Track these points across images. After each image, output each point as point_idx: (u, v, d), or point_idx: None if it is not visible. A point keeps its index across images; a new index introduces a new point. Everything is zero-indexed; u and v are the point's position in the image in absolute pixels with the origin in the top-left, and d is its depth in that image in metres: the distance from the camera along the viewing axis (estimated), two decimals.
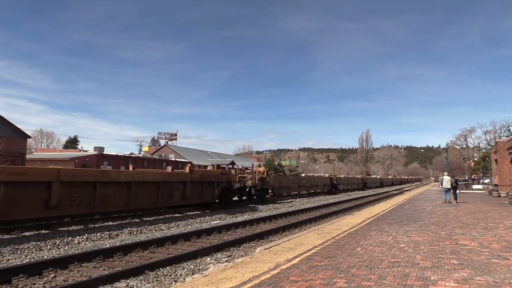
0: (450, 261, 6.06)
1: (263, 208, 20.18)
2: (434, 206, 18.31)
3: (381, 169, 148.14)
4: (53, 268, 6.86)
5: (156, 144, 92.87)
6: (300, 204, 24.51)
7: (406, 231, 9.48)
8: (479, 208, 16.80)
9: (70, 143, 70.27)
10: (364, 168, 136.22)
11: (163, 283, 6.20)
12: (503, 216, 13.23)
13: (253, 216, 16.66)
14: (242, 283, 4.81)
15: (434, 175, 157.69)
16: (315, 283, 4.74)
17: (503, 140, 32.37)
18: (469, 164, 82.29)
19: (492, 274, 5.20)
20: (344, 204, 25.27)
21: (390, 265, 5.74)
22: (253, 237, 10.64)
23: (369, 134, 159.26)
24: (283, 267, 5.64)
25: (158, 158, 63.13)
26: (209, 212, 17.08)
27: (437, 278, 4.99)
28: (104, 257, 7.79)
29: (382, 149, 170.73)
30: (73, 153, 52.69)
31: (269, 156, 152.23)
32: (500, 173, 31.16)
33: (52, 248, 8.97)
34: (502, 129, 60.48)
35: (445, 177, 20.27)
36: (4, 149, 29.47)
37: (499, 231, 9.47)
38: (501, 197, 25.94)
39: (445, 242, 7.91)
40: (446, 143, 48.49)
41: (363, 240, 8.17)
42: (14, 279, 6.20)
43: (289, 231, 12.39)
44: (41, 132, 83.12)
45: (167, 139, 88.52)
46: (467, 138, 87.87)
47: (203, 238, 10.74)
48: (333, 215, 17.82)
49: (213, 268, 7.01)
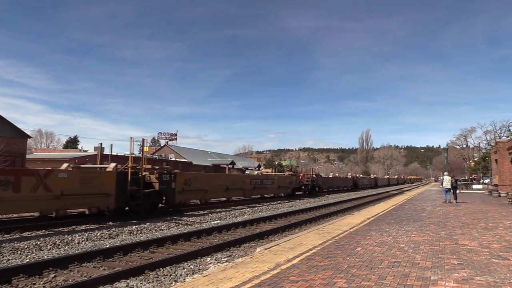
0: (450, 261, 6.06)
1: (263, 209, 20.24)
2: (434, 206, 18.31)
3: (381, 169, 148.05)
4: (53, 268, 6.86)
5: (156, 144, 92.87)
6: (300, 204, 24.52)
7: (406, 231, 9.48)
8: (479, 208, 16.80)
9: (70, 143, 70.30)
10: (364, 168, 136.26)
11: (163, 283, 6.20)
12: (503, 216, 13.23)
13: (253, 216, 16.67)
14: (242, 283, 4.81)
15: (434, 175, 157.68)
16: (315, 283, 4.74)
17: (503, 140, 32.38)
18: (469, 164, 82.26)
19: (492, 274, 5.21)
20: (344, 204, 25.29)
21: (390, 265, 5.74)
22: (253, 237, 10.64)
23: (369, 134, 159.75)
24: (283, 267, 5.64)
25: (158, 158, 63.12)
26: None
27: (437, 278, 4.99)
28: (104, 257, 7.79)
29: (382, 149, 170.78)
30: (73, 153, 52.72)
31: (269, 156, 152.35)
32: (500, 173, 31.16)
33: (52, 248, 8.97)
34: (502, 129, 60.36)
35: (445, 177, 20.27)
36: (4, 149, 29.47)
37: (499, 231, 9.47)
38: (501, 197, 25.95)
39: (445, 242, 7.91)
40: (446, 143, 48.68)
41: (363, 240, 8.17)
42: (14, 279, 6.20)
43: (289, 231, 12.39)
44: (40, 132, 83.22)
45: (167, 139, 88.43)
46: (467, 138, 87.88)
47: (203, 238, 10.74)
48: (333, 215, 17.83)
49: (213, 268, 7.01)
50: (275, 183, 27.50)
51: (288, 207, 21.55)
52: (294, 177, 31.45)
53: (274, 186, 27.28)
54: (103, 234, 10.74)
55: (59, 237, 10.01)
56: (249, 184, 23.87)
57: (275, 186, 27.38)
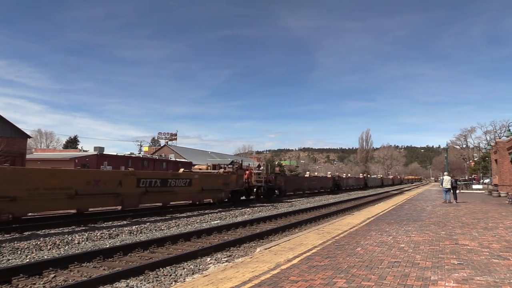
0: (450, 261, 6.06)
1: (263, 209, 20.22)
2: (434, 206, 18.31)
3: (381, 169, 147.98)
4: (53, 268, 6.85)
5: (156, 144, 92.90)
6: (300, 204, 24.51)
7: (406, 231, 9.48)
8: (479, 208, 16.80)
9: (70, 143, 70.35)
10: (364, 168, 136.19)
11: (163, 283, 6.19)
12: (503, 216, 13.24)
13: (253, 216, 16.67)
14: (242, 283, 4.81)
15: (434, 175, 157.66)
16: (315, 283, 4.74)
17: (503, 140, 32.38)
18: (469, 164, 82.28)
19: (492, 274, 5.20)
20: (344, 204, 25.31)
21: (390, 265, 5.74)
22: (253, 237, 10.64)
23: (369, 134, 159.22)
24: (283, 267, 5.64)
25: (158, 158, 63.13)
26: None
27: (437, 278, 4.99)
28: (104, 257, 7.78)
29: (382, 149, 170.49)
30: (73, 153, 52.72)
31: (269, 156, 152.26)
32: (500, 173, 31.16)
33: (52, 248, 8.97)
34: (502, 129, 60.44)
35: (445, 177, 20.28)
36: (4, 149, 29.49)
37: (499, 231, 9.47)
38: (501, 197, 25.95)
39: (445, 242, 7.91)
40: (446, 143, 48.62)
41: (363, 240, 8.17)
42: (14, 279, 6.19)
43: (289, 231, 12.38)
44: (40, 132, 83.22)
45: (167, 139, 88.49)
46: (467, 138, 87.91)
47: (203, 238, 10.73)
48: (333, 215, 17.83)
49: (213, 268, 7.01)
50: (195, 184, 18.51)
51: (288, 207, 21.45)
52: (233, 176, 21.77)
53: (193, 189, 18.35)
54: (103, 234, 10.74)
55: (59, 237, 10.01)
56: (134, 186, 14.98)
57: (194, 190, 18.41)
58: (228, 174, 21.58)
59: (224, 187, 20.85)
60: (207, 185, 19.40)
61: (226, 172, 21.68)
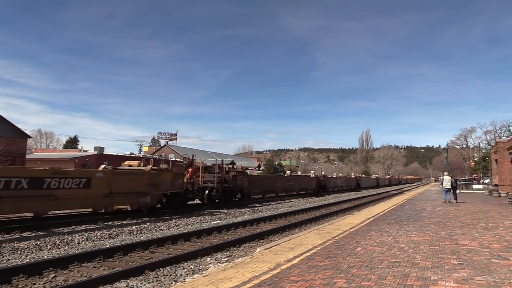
0: (450, 261, 6.06)
1: (263, 209, 20.19)
2: (434, 206, 18.31)
3: (381, 169, 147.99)
4: (53, 268, 6.85)
5: (156, 144, 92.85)
6: (300, 204, 24.53)
7: (406, 231, 9.48)
8: (479, 208, 16.80)
9: (70, 143, 70.27)
10: (364, 168, 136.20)
11: (163, 283, 6.20)
12: (503, 216, 13.23)
13: (253, 216, 16.67)
14: (242, 283, 4.81)
15: (434, 175, 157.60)
16: (315, 283, 4.74)
17: (503, 140, 32.36)
18: (469, 164, 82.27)
19: (492, 274, 5.20)
20: (344, 204, 25.33)
21: (390, 265, 5.74)
22: (253, 237, 10.64)
23: (369, 134, 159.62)
24: (283, 267, 5.64)
25: (158, 158, 63.10)
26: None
27: (437, 278, 4.99)
28: (104, 257, 7.79)
29: (382, 149, 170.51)
30: (73, 153, 52.71)
31: (269, 156, 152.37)
32: (500, 173, 31.15)
33: (52, 248, 8.97)
34: (502, 129, 60.38)
35: (445, 177, 20.27)
36: (4, 149, 29.48)
37: (499, 231, 9.47)
38: (501, 197, 25.95)
39: (445, 242, 7.91)
40: (446, 143, 48.62)
41: (363, 240, 8.17)
42: (14, 279, 6.20)
43: (289, 231, 12.38)
44: (40, 132, 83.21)
45: (167, 139, 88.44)
46: (467, 138, 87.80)
47: (203, 238, 10.74)
48: (333, 215, 17.83)
49: (213, 268, 7.01)
50: (98, 185, 13.33)
51: (288, 207, 21.44)
52: (167, 175, 16.76)
53: (94, 192, 13.13)
54: (103, 234, 10.74)
55: (59, 237, 10.01)
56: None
57: (95, 193, 13.20)
58: (158, 173, 16.42)
59: (151, 190, 15.69)
60: (120, 186, 14.26)
61: (155, 170, 16.44)
